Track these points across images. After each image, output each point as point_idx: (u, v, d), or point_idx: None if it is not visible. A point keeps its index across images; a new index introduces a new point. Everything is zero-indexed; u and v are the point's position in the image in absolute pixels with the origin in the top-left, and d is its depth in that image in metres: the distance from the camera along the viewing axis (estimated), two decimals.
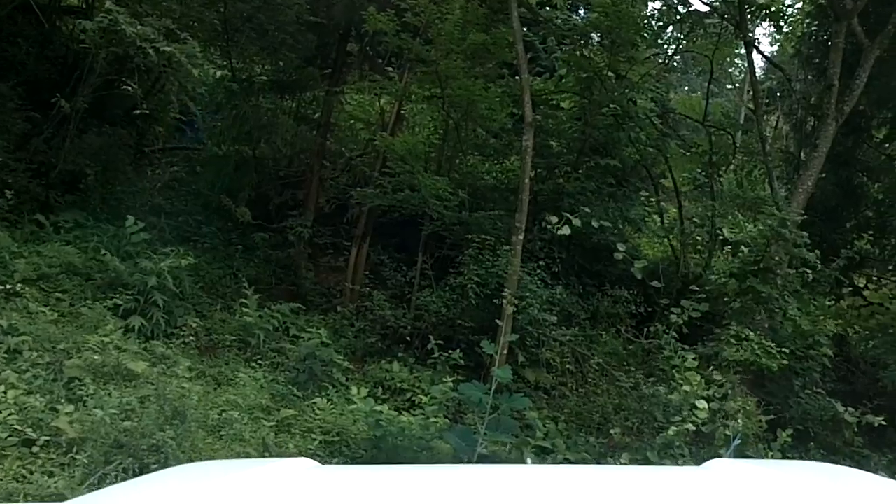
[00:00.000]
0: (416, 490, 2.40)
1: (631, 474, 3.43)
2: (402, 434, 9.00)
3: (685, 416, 9.27)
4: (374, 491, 2.44)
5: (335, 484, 2.57)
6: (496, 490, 2.42)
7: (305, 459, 2.77)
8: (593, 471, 3.97)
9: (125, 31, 9.79)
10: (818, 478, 2.80)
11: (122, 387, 8.91)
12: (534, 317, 10.98)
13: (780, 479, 2.60)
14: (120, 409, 8.19)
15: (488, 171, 14.11)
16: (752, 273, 11.32)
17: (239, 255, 12.63)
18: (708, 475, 2.75)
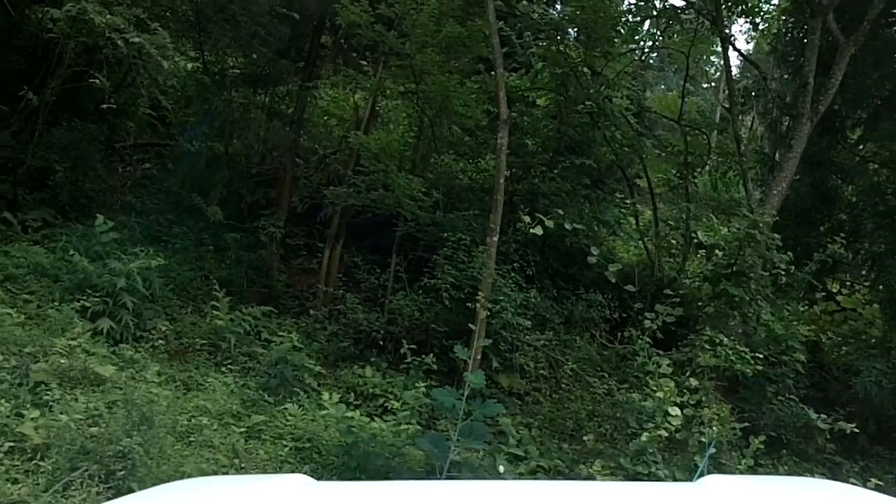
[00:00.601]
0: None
1: (625, 490, 3.39)
2: (373, 440, 8.91)
3: (658, 423, 9.24)
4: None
5: (331, 501, 2.57)
6: None
7: (301, 476, 2.77)
8: (587, 487, 3.86)
9: (94, 21, 9.55)
10: (813, 494, 2.77)
11: (90, 392, 8.76)
12: (508, 321, 10.90)
13: (775, 496, 2.59)
14: (87, 414, 8.06)
15: (463, 171, 14.00)
16: (725, 276, 11.29)
17: (210, 255, 12.44)
18: (702, 491, 2.74)
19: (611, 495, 2.81)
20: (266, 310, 11.25)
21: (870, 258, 13.95)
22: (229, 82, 13.86)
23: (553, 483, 5.42)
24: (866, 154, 14.93)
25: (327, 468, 9.03)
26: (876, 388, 11.21)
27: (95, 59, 11.28)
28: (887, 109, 14.50)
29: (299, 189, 13.21)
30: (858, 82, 14.12)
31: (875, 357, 11.71)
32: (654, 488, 3.92)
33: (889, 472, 11.43)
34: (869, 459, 11.65)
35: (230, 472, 8.48)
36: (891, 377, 11.27)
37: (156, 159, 14.80)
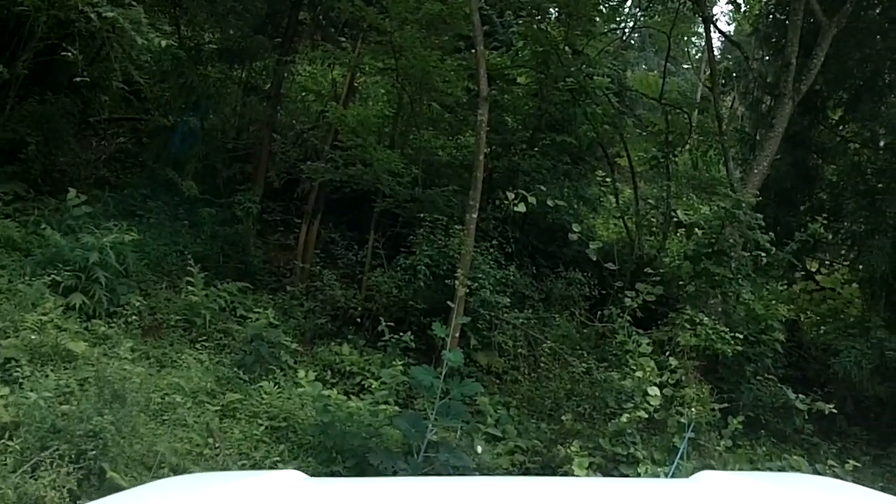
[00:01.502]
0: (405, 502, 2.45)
1: (620, 487, 3.42)
2: (350, 420, 8.82)
3: (637, 403, 9.20)
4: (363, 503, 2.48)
5: (324, 497, 2.57)
6: (486, 501, 2.45)
7: (294, 472, 2.72)
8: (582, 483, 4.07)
9: None
10: (808, 491, 2.78)
11: (61, 368, 8.64)
12: (486, 298, 10.80)
13: (770, 492, 2.58)
14: (57, 392, 7.94)
15: (442, 147, 13.83)
16: (706, 255, 11.24)
17: (185, 231, 12.25)
18: (698, 488, 2.72)
19: (604, 492, 2.81)
20: (242, 286, 11.09)
21: (850, 238, 13.94)
22: (205, 57, 13.61)
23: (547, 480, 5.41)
24: (847, 134, 14.91)
25: (303, 448, 8.94)
26: (855, 368, 11.21)
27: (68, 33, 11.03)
28: (868, 90, 14.47)
29: (276, 164, 13.01)
30: (840, 63, 14.06)
31: (854, 337, 11.71)
32: (648, 485, 3.94)
33: (866, 452, 11.47)
34: (847, 440, 11.68)
35: (204, 452, 8.39)
36: (870, 357, 11.27)
37: (131, 134, 14.55)
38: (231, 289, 10.89)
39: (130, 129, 14.60)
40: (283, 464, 8.53)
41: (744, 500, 2.49)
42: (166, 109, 13.84)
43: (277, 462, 8.54)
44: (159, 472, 7.81)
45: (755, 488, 2.68)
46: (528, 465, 9.57)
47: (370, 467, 8.43)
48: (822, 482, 3.36)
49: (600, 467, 8.86)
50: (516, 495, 2.59)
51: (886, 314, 12.01)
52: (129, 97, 14.02)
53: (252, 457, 8.58)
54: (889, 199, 12.38)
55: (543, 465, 9.51)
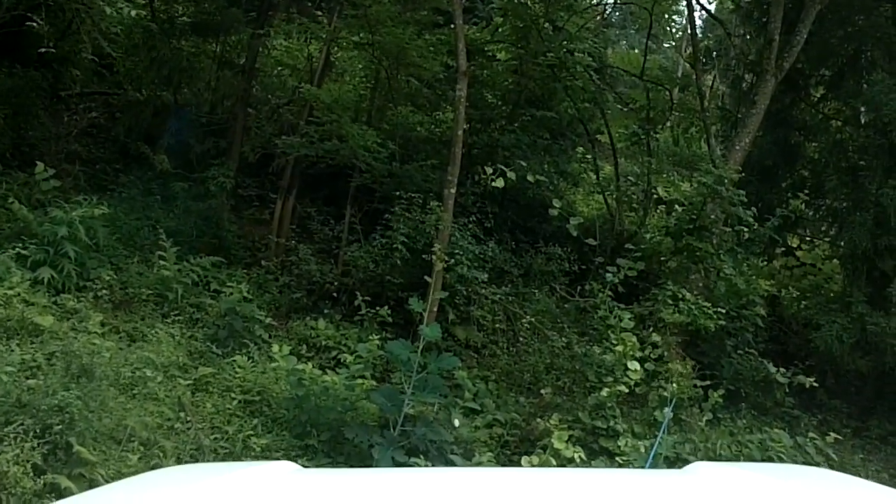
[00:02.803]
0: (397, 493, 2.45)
1: (611, 478, 3.39)
2: (325, 394, 8.69)
3: (618, 377, 9.11)
4: (355, 495, 2.46)
5: (317, 488, 2.57)
6: (477, 493, 2.44)
7: (287, 463, 2.79)
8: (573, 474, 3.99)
9: None
10: (802, 482, 2.77)
11: (27, 343, 8.44)
12: (464, 274, 10.66)
13: (763, 483, 2.58)
14: (23, 366, 7.76)
15: (420, 123, 13.66)
16: (687, 231, 11.16)
17: (158, 205, 12.03)
18: (690, 480, 2.75)
19: (596, 483, 2.80)
20: (216, 260, 10.87)
21: (831, 214, 13.86)
22: (178, 31, 13.35)
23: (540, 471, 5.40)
24: (829, 112, 14.81)
25: (277, 422, 8.81)
26: (836, 342, 11.16)
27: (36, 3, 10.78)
28: (851, 68, 14.38)
29: (251, 139, 12.77)
30: (823, 40, 13.97)
31: (835, 312, 11.66)
32: (641, 476, 3.91)
33: (846, 425, 11.48)
34: (827, 413, 11.68)
35: (175, 426, 8.23)
36: (851, 332, 11.22)
37: (103, 108, 14.28)
38: (204, 263, 10.68)
39: (103, 104, 14.32)
40: (257, 437, 8.39)
41: (737, 492, 2.47)
42: (139, 83, 13.58)
43: (251, 435, 8.38)
44: (129, 445, 7.66)
45: (749, 480, 2.66)
46: (506, 439, 9.49)
47: (346, 441, 8.33)
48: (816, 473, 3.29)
49: (580, 440, 8.77)
50: (508, 486, 2.60)
51: (867, 289, 11.95)
52: (101, 71, 13.77)
53: (225, 430, 8.42)
54: (871, 175, 12.29)
55: (522, 439, 9.43)
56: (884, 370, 11.53)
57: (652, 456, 7.78)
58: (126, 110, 13.51)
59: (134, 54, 13.19)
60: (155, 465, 7.60)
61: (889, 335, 11.07)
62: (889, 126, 11.76)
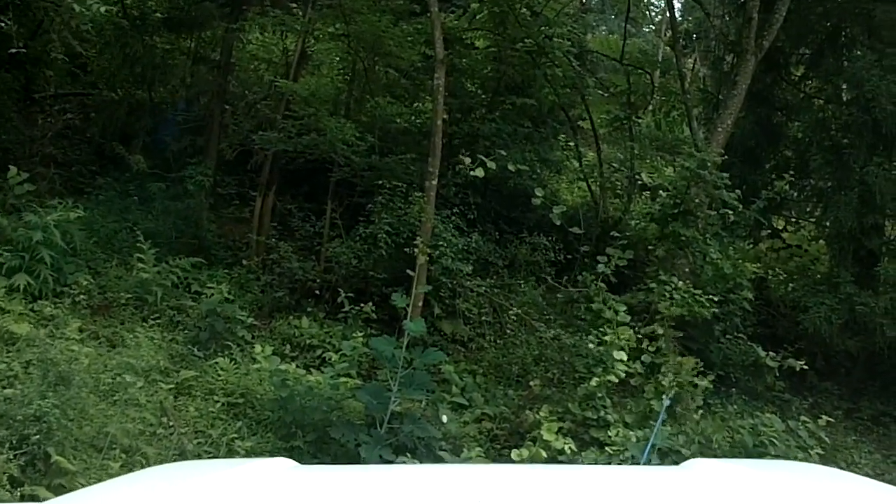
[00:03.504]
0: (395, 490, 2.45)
1: (609, 474, 3.44)
2: (310, 394, 8.56)
3: (607, 367, 9.01)
4: (353, 491, 2.46)
5: (315, 484, 2.56)
6: (474, 490, 2.42)
7: (284, 459, 2.75)
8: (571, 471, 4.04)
9: None
10: (799, 478, 2.79)
11: (3, 352, 8.32)
12: (448, 266, 10.52)
13: (762, 480, 2.58)
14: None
15: (399, 114, 13.49)
16: (672, 216, 11.06)
17: (135, 207, 11.84)
18: (689, 476, 2.76)
19: (594, 480, 2.84)
20: (195, 261, 10.71)
21: (816, 194, 13.78)
22: (151, 27, 13.11)
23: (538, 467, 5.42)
24: (811, 90, 14.72)
25: (262, 423, 8.71)
26: (825, 324, 11.09)
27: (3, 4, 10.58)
28: (831, 45, 14.26)
29: (229, 136, 12.58)
30: (802, 18, 13.85)
31: (823, 293, 11.58)
32: (638, 472, 3.95)
33: (838, 407, 11.44)
34: (818, 396, 11.63)
35: (157, 431, 8.11)
36: (839, 313, 11.15)
37: (78, 109, 14.07)
38: (184, 264, 10.52)
39: (78, 105, 14.11)
40: (241, 440, 8.29)
41: (735, 488, 2.46)
42: (113, 83, 13.36)
43: (235, 438, 8.27)
44: (110, 453, 7.53)
45: (746, 476, 2.67)
46: (495, 432, 9.41)
47: (332, 441, 8.23)
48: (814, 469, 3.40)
49: (570, 432, 8.67)
50: (505, 483, 2.59)
51: (854, 269, 11.88)
52: (75, 71, 13.58)
53: (209, 434, 8.31)
54: (855, 153, 12.21)
55: (512, 432, 9.35)
56: (873, 350, 11.47)
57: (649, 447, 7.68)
58: (100, 110, 13.29)
59: (106, 52, 12.96)
60: None
61: (878, 314, 11.01)
62: (872, 103, 11.67)
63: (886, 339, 11.06)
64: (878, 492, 2.48)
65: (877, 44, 12.47)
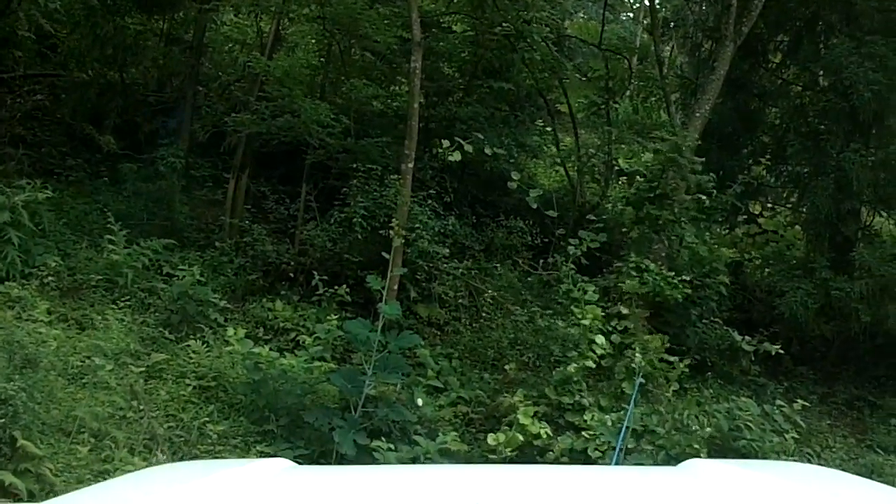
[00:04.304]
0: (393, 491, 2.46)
1: (607, 475, 3.47)
2: (283, 377, 8.47)
3: (583, 351, 8.97)
4: (351, 492, 2.48)
5: (310, 485, 2.58)
6: (473, 490, 2.44)
7: (281, 460, 2.77)
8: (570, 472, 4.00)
9: None
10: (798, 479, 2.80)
11: None
12: (424, 249, 10.43)
13: (759, 481, 2.57)
14: None
15: (375, 97, 13.34)
16: (648, 200, 11.02)
17: (107, 188, 11.67)
18: (687, 477, 2.78)
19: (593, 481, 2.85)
20: (167, 243, 10.53)
21: (792, 180, 13.78)
22: (121, 7, 12.87)
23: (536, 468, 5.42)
24: (789, 77, 14.72)
25: (234, 407, 8.60)
26: (801, 308, 11.08)
27: None
28: (809, 32, 14.27)
29: (202, 118, 12.40)
30: (781, 5, 13.86)
31: (799, 278, 11.57)
32: (636, 474, 3.97)
33: (813, 391, 11.46)
34: (793, 380, 11.65)
35: (128, 415, 7.97)
36: (815, 297, 11.15)
37: (48, 90, 13.81)
38: (156, 246, 10.33)
39: (48, 86, 13.83)
40: (213, 424, 8.17)
41: (733, 489, 2.47)
42: (83, 63, 13.12)
43: (206, 422, 8.14)
44: (78, 437, 7.40)
45: (745, 477, 2.67)
46: (471, 416, 9.35)
47: (306, 425, 8.14)
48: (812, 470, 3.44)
49: (546, 416, 8.63)
50: (504, 484, 2.60)
51: (830, 254, 11.89)
52: (45, 52, 13.32)
53: (180, 418, 8.19)
54: (832, 140, 12.20)
55: (487, 416, 9.29)
56: (848, 335, 11.49)
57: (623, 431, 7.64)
58: (71, 91, 13.06)
59: (76, 33, 12.72)
60: (106, 457, 7.35)
61: (853, 299, 11.01)
62: (849, 89, 11.65)
63: (861, 323, 11.08)
64: (874, 492, 2.50)
65: (855, 31, 12.44)
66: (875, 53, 11.69)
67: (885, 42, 11.82)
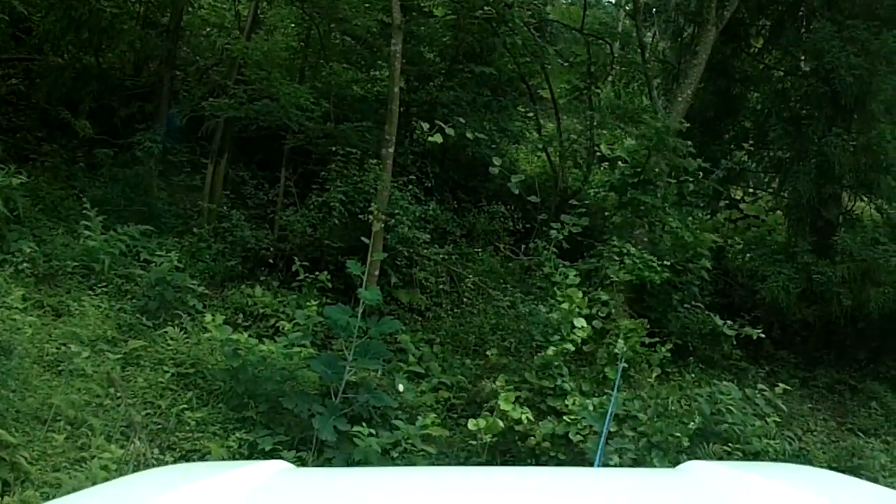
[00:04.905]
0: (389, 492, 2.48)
1: (606, 477, 3.43)
2: (262, 363, 8.39)
3: (564, 335, 8.92)
4: (349, 494, 2.49)
5: (308, 487, 2.58)
6: (471, 492, 2.45)
7: (279, 462, 2.78)
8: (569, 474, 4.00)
9: None
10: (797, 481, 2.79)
11: None
12: (405, 235, 10.33)
13: (758, 483, 2.57)
14: None
15: (355, 81, 13.20)
16: (632, 185, 10.99)
17: (83, 174, 11.45)
18: (686, 478, 2.78)
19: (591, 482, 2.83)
20: (145, 229, 10.37)
21: (774, 165, 13.76)
22: None
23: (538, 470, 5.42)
24: (770, 61, 14.69)
25: (213, 394, 8.52)
26: (782, 293, 11.08)
27: None
28: (790, 17, 14.28)
29: (180, 102, 12.23)
30: None
31: (780, 262, 11.58)
32: (635, 475, 3.97)
33: (794, 375, 11.49)
34: (774, 364, 11.69)
35: (105, 402, 7.89)
36: (796, 282, 11.16)
37: (23, 74, 13.59)
38: (133, 232, 10.16)
39: (22, 70, 13.61)
40: (192, 411, 8.09)
41: (733, 491, 2.48)
42: (58, 47, 12.91)
43: (185, 409, 8.05)
44: (54, 425, 7.31)
45: (744, 479, 2.69)
46: (452, 402, 9.30)
47: (285, 411, 8.06)
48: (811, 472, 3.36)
49: (527, 401, 8.59)
50: (502, 486, 2.61)
51: (812, 239, 11.88)
52: (19, 35, 13.09)
53: (157, 405, 8.11)
54: (813, 124, 12.19)
55: (469, 401, 9.25)
56: (829, 319, 11.51)
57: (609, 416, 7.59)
58: (45, 75, 12.83)
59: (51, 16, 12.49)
60: (83, 445, 7.27)
61: (834, 283, 11.03)
62: (831, 74, 11.64)
63: (842, 307, 11.09)
64: (876, 495, 2.49)
65: (836, 15, 12.42)
66: (857, 38, 11.68)
67: (866, 26, 11.82)
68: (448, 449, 8.69)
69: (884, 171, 11.82)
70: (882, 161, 11.77)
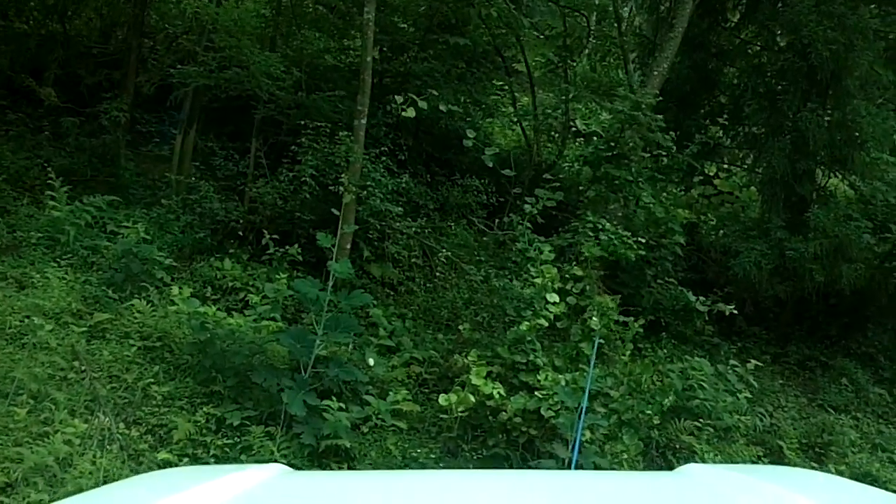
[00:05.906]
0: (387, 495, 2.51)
1: (603, 480, 3.49)
2: (231, 337, 8.26)
3: (537, 311, 8.85)
4: (346, 497, 2.51)
5: (308, 490, 2.60)
6: (469, 495, 2.49)
7: (278, 465, 2.82)
8: (566, 476, 4.00)
9: None
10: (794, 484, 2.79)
11: None
12: (377, 208, 10.18)
13: (756, 486, 2.60)
14: None
15: (327, 50, 12.98)
16: (606, 159, 10.90)
17: (48, 143, 11.23)
18: (683, 481, 2.82)
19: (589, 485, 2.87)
20: (111, 200, 10.16)
21: (749, 141, 13.70)
22: None
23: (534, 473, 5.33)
24: (747, 36, 14.60)
25: (180, 368, 8.37)
26: (755, 269, 11.05)
27: None
28: None
29: (148, 71, 11.98)
30: None
31: (753, 238, 11.55)
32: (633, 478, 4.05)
33: (766, 352, 11.52)
34: (746, 340, 11.72)
35: (69, 376, 7.72)
36: (769, 258, 11.12)
37: None
38: (99, 203, 9.96)
39: None
40: (158, 385, 7.94)
41: (730, 494, 2.52)
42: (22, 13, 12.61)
43: (151, 383, 7.90)
44: (16, 399, 7.14)
45: (741, 482, 2.72)
46: (424, 376, 9.23)
47: (254, 386, 7.95)
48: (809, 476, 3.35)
49: (500, 376, 8.53)
50: (500, 489, 2.65)
51: (785, 215, 11.84)
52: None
53: (123, 379, 7.95)
54: (789, 100, 12.12)
55: (441, 376, 9.19)
56: (802, 295, 11.51)
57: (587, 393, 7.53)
58: (9, 42, 12.52)
59: None
60: (46, 419, 7.11)
61: (807, 260, 11.01)
62: (807, 48, 11.56)
63: (815, 284, 11.08)
64: (874, 498, 2.54)
65: None
66: (833, 12, 11.60)
67: (843, 1, 11.73)
68: (419, 424, 8.63)
69: (858, 147, 11.78)
70: (856, 137, 11.73)
